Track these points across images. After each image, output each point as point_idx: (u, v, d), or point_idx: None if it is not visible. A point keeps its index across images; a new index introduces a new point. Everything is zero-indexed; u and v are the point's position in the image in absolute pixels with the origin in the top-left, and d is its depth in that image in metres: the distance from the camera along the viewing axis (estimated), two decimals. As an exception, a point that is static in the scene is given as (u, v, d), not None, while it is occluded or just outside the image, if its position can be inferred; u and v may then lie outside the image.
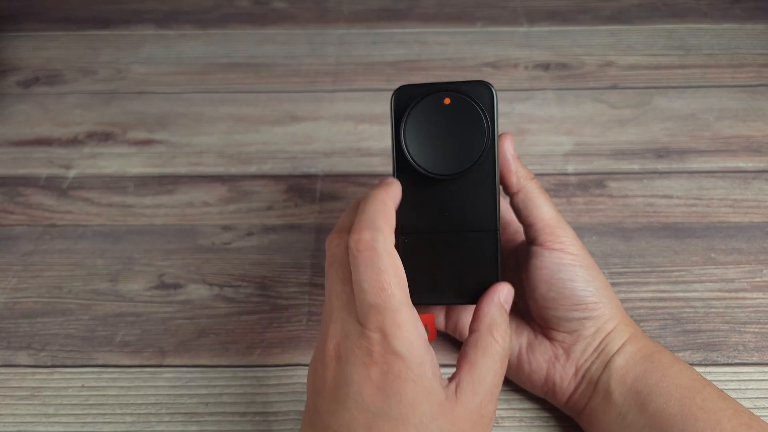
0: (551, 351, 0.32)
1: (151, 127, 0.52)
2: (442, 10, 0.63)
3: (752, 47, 0.57)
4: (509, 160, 0.31)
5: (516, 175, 0.31)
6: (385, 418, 0.23)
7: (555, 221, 0.31)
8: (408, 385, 0.24)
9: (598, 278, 0.31)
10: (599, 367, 0.30)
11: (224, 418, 0.34)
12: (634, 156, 0.47)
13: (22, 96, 0.55)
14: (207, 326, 0.38)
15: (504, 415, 0.33)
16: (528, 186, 0.31)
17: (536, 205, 0.31)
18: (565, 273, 0.30)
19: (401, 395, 0.23)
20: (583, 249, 0.31)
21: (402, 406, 0.23)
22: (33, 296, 0.40)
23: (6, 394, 0.35)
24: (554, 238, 0.30)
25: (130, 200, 0.46)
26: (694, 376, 0.29)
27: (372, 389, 0.24)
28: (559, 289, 0.30)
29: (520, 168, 0.31)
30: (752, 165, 0.46)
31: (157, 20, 0.63)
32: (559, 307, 0.30)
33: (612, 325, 0.31)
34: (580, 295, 0.30)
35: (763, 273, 0.39)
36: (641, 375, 0.29)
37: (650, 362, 0.29)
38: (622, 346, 0.30)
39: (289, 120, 0.52)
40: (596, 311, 0.30)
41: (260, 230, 0.44)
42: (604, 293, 0.31)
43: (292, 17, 0.63)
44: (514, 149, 0.31)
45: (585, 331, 0.31)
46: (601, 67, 0.56)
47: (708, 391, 0.28)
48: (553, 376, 0.31)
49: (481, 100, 0.29)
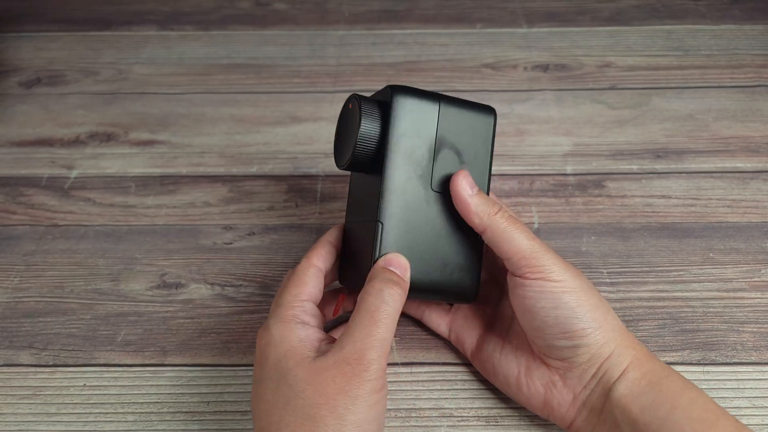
0: (548, 376, 0.31)
1: (152, 128, 0.52)
2: (442, 12, 0.64)
3: (750, 48, 0.57)
4: (466, 201, 0.30)
5: (478, 215, 0.30)
6: (259, 382, 0.28)
7: (530, 251, 0.29)
8: (271, 349, 0.28)
9: (586, 301, 0.29)
10: (600, 395, 0.29)
11: (226, 417, 0.34)
12: (633, 156, 0.48)
13: (24, 96, 0.56)
14: (208, 326, 0.38)
15: (504, 414, 0.34)
16: (493, 223, 0.30)
17: (506, 239, 0.30)
18: (547, 301, 0.29)
19: (265, 359, 0.28)
20: (567, 271, 0.29)
21: (267, 367, 0.28)
22: (35, 296, 0.40)
23: (8, 393, 0.35)
24: (532, 268, 0.29)
25: (131, 200, 0.46)
26: (707, 406, 0.27)
27: (256, 364, 0.29)
28: (543, 318, 0.29)
29: (481, 204, 0.30)
30: (750, 165, 0.47)
31: (158, 21, 0.63)
32: (545, 336, 0.29)
33: (609, 350, 0.29)
34: (565, 323, 0.29)
35: (761, 273, 0.40)
36: (649, 406, 0.27)
37: (658, 390, 0.27)
38: (624, 372, 0.28)
39: (289, 121, 0.52)
40: (585, 338, 0.29)
41: (261, 230, 0.44)
42: (594, 317, 0.29)
43: (293, 18, 0.63)
44: (471, 187, 0.30)
45: (578, 358, 0.29)
46: (599, 68, 0.56)
47: (722, 425, 0.26)
48: (551, 402, 0.30)
49: (384, 101, 0.31)
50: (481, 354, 0.34)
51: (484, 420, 0.33)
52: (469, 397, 0.34)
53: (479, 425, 0.33)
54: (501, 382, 0.33)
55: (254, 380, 0.29)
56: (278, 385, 0.27)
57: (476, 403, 0.34)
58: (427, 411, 0.34)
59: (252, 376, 0.32)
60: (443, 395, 0.35)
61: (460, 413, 0.34)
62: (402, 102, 0.30)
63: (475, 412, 0.34)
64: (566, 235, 0.42)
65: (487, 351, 0.34)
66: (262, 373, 0.28)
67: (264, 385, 0.28)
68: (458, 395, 0.34)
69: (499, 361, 0.33)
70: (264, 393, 0.28)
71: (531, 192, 0.45)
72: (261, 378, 0.28)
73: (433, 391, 0.35)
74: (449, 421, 0.33)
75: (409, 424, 0.33)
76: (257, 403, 0.28)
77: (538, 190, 0.46)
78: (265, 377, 0.28)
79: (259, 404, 0.28)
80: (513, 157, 0.48)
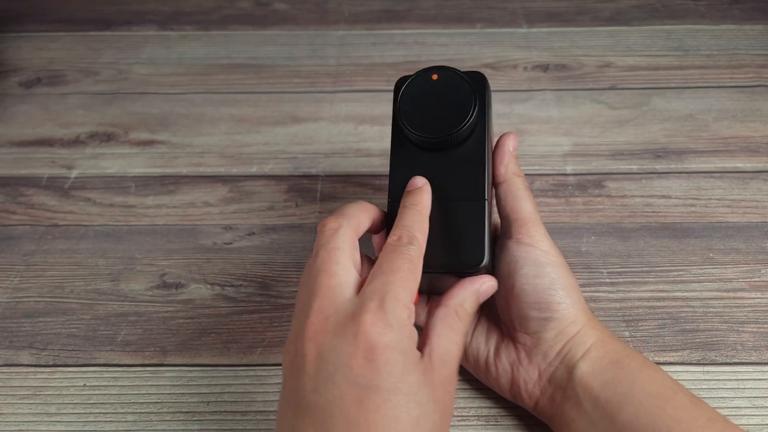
0: (514, 354, 0.31)
1: (152, 128, 0.52)
2: (442, 12, 0.64)
3: (750, 48, 0.57)
4: (504, 152, 0.32)
5: (506, 167, 0.32)
6: (377, 390, 0.23)
7: (530, 216, 0.31)
8: (398, 355, 0.24)
9: (565, 278, 0.30)
10: (564, 373, 0.29)
11: (226, 417, 0.34)
12: (633, 156, 0.48)
13: (24, 96, 0.56)
14: (208, 326, 0.38)
15: (504, 414, 0.33)
16: (514, 180, 0.32)
17: (516, 197, 0.31)
18: (530, 268, 0.30)
19: (392, 366, 0.23)
20: (554, 248, 0.31)
21: (392, 377, 0.23)
22: (35, 296, 0.40)
23: (8, 393, 0.35)
24: (525, 232, 0.30)
25: (131, 200, 0.46)
26: (665, 382, 0.28)
27: (362, 361, 0.23)
28: (522, 285, 0.30)
29: (512, 163, 0.32)
30: (750, 165, 0.47)
31: (158, 21, 0.63)
32: (521, 304, 0.30)
33: (575, 329, 0.30)
34: (542, 293, 0.30)
35: (761, 273, 0.40)
36: (609, 382, 0.28)
37: (618, 368, 0.28)
38: (587, 351, 0.29)
39: (289, 121, 0.52)
40: (557, 312, 0.30)
41: (261, 230, 0.44)
42: (568, 294, 0.30)
43: (293, 18, 0.63)
44: (514, 147, 0.32)
45: (546, 333, 0.30)
46: (599, 68, 0.56)
47: (679, 399, 0.27)
48: (517, 380, 0.31)
49: (471, 80, 0.31)
50: None
51: (484, 420, 0.33)
52: (469, 397, 0.34)
53: (479, 425, 0.33)
54: (471, 364, 0.34)
55: (360, 384, 0.23)
56: (407, 398, 0.23)
57: (476, 403, 0.34)
58: (427, 411, 0.34)
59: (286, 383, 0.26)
60: (443, 395, 0.35)
61: (460, 413, 0.34)
62: (490, 91, 0.33)
63: (475, 412, 0.34)
64: (566, 235, 0.42)
65: None
66: (381, 381, 0.23)
67: (387, 395, 0.23)
68: (458, 395, 0.34)
69: (470, 344, 0.33)
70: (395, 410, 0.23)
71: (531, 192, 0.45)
72: (378, 386, 0.23)
73: (433, 391, 0.35)
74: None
75: (409, 424, 0.33)
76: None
77: (538, 190, 0.46)
78: (390, 387, 0.23)
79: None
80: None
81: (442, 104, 0.31)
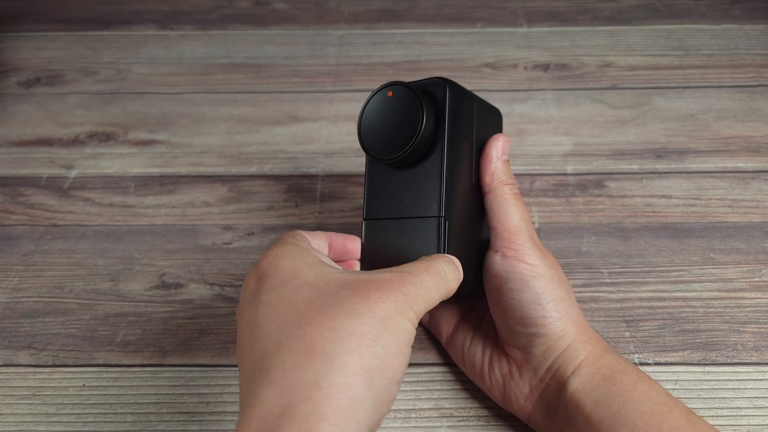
0: (507, 367, 0.31)
1: (152, 128, 0.52)
2: (442, 11, 0.63)
3: (751, 48, 0.57)
4: (489, 160, 0.31)
5: (491, 175, 0.30)
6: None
7: (516, 229, 0.30)
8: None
9: (553, 291, 0.29)
10: (555, 390, 0.29)
11: (225, 418, 0.34)
12: (633, 156, 0.48)
13: (23, 96, 0.56)
14: (207, 326, 0.38)
15: (504, 413, 0.33)
16: (499, 189, 0.30)
17: (502, 209, 0.30)
18: (515, 282, 0.29)
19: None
20: (543, 259, 0.29)
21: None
22: (34, 296, 0.40)
23: (7, 393, 0.35)
24: (510, 246, 0.29)
25: (131, 200, 0.46)
26: (660, 399, 0.27)
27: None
28: (508, 300, 0.29)
29: (500, 170, 0.31)
30: (751, 165, 0.46)
31: (157, 21, 0.63)
32: (508, 319, 0.30)
33: (564, 344, 0.29)
34: (527, 308, 0.29)
35: (761, 273, 0.39)
36: (601, 400, 0.27)
37: (611, 384, 0.27)
38: (578, 367, 0.28)
39: (289, 120, 0.52)
40: (544, 327, 0.29)
41: (261, 230, 0.44)
42: (556, 308, 0.29)
43: (293, 18, 0.63)
44: (503, 151, 0.31)
45: (534, 349, 0.29)
46: (600, 67, 0.56)
47: (674, 418, 0.26)
48: (509, 393, 0.31)
49: (424, 92, 0.30)
50: (453, 341, 0.35)
51: (484, 420, 0.33)
52: (469, 397, 0.34)
53: (479, 425, 0.33)
54: (468, 370, 0.34)
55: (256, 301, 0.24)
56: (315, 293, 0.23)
57: (476, 403, 0.34)
58: (427, 411, 0.34)
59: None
60: (443, 395, 0.34)
61: (460, 413, 0.34)
62: (454, 95, 0.30)
63: (475, 412, 0.34)
64: (567, 235, 0.42)
65: (459, 339, 0.34)
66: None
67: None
68: (458, 395, 0.34)
69: (468, 350, 0.33)
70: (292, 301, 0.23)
71: (531, 192, 0.45)
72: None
73: (433, 392, 0.35)
74: (449, 421, 0.33)
75: (409, 424, 0.33)
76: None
77: (538, 189, 0.45)
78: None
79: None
80: (513, 157, 0.48)
81: (395, 122, 0.30)
